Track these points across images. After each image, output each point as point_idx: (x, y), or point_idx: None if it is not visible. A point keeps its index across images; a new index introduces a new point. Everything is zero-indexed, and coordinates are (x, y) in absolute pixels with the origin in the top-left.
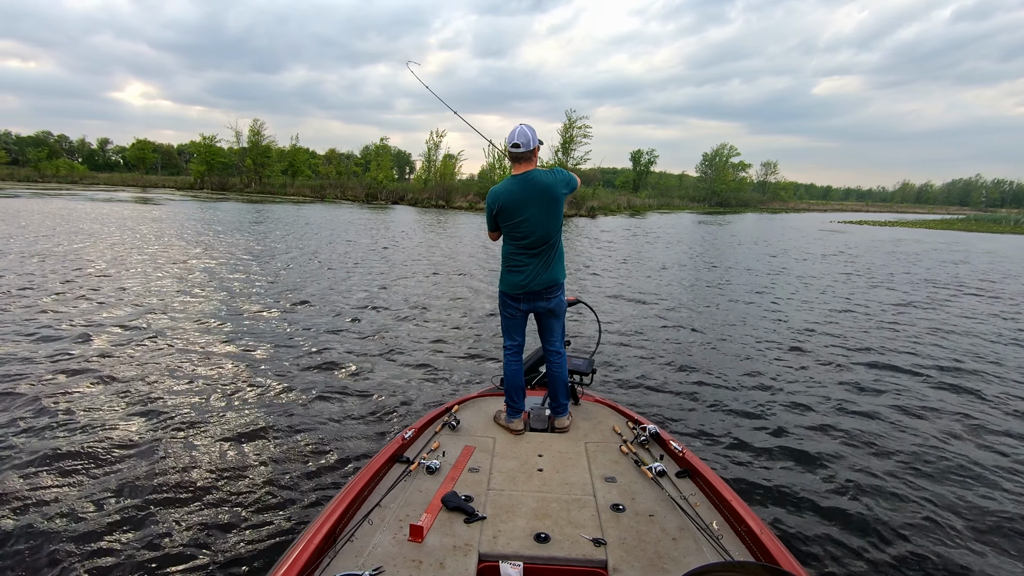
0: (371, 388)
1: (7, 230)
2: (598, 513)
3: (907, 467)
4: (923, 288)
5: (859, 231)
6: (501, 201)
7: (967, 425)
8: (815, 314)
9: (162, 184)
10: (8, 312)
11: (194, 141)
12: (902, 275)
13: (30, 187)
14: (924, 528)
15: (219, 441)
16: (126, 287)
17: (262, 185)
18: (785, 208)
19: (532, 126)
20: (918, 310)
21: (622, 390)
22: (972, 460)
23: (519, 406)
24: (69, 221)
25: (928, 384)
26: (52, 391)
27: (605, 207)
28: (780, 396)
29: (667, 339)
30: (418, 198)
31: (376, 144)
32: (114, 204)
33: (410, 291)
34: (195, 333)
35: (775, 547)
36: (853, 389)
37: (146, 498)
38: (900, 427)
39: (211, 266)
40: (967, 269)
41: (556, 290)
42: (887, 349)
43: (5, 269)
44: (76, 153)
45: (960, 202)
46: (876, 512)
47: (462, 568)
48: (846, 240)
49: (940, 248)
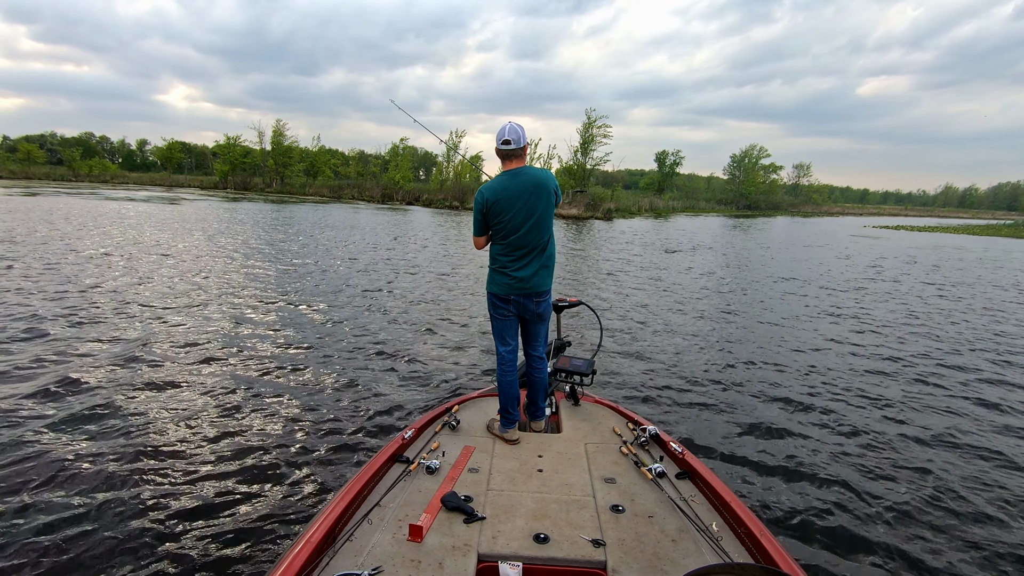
0: (370, 388)
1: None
2: (597, 514)
3: (910, 471)
4: (944, 295)
5: (894, 237)
6: (493, 197)
7: (973, 430)
8: (819, 318)
9: (187, 184)
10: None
11: (218, 142)
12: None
13: (58, 185)
14: (925, 532)
15: (218, 440)
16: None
17: (283, 185)
18: (818, 212)
19: (521, 124)
20: (933, 316)
21: (622, 391)
22: (990, 474)
23: (514, 416)
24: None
25: (930, 386)
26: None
27: (625, 209)
28: (781, 399)
29: (668, 341)
30: (433, 199)
31: (393, 144)
32: (112, 202)
33: (410, 291)
34: (181, 336)
35: (774, 549)
36: (854, 393)
37: (146, 497)
38: (901, 430)
39: (139, 266)
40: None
41: (546, 294)
42: (889, 352)
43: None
44: (116, 154)
45: (1007, 207)
46: (876, 515)
47: (461, 568)
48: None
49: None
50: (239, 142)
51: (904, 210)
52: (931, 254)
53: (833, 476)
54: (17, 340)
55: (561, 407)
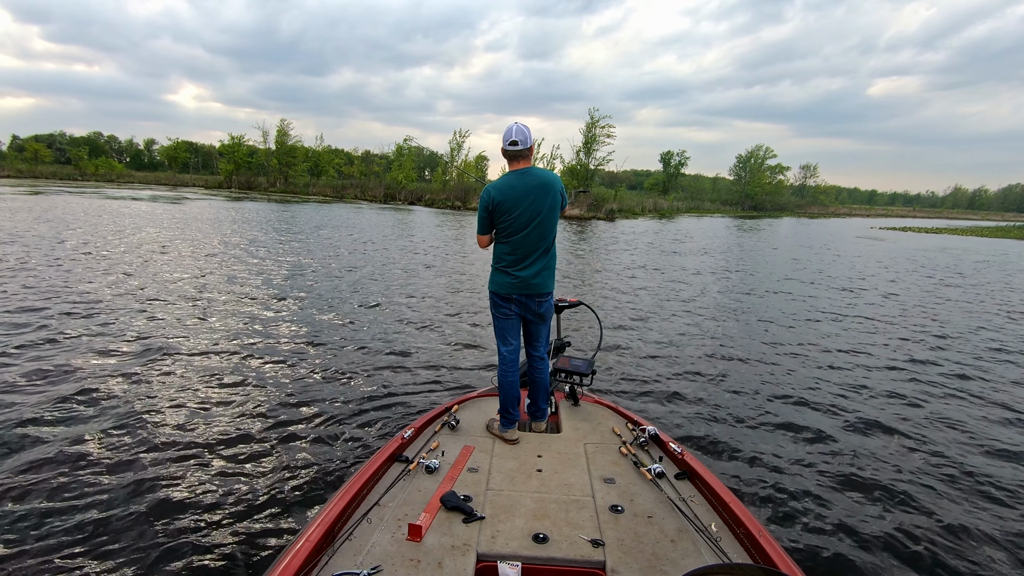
0: (370, 387)
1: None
2: (597, 514)
3: (911, 471)
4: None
5: (901, 239)
6: (500, 195)
7: (975, 430)
8: (820, 319)
9: (191, 183)
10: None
11: (223, 142)
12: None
13: (63, 184)
14: (926, 532)
15: (216, 438)
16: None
17: (287, 185)
18: (825, 213)
19: (527, 125)
20: (937, 313)
21: (622, 391)
22: (983, 471)
23: (514, 416)
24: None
25: (932, 389)
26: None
27: (628, 210)
28: (781, 399)
29: (667, 341)
30: (435, 199)
31: (398, 144)
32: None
33: (410, 291)
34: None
35: (773, 549)
36: (854, 393)
37: (145, 496)
38: (901, 430)
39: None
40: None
41: (548, 295)
42: (890, 352)
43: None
44: (124, 153)
45: (1018, 208)
46: (876, 515)
47: (460, 568)
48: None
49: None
50: (244, 142)
51: (912, 211)
52: (937, 256)
53: (832, 476)
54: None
55: (561, 407)
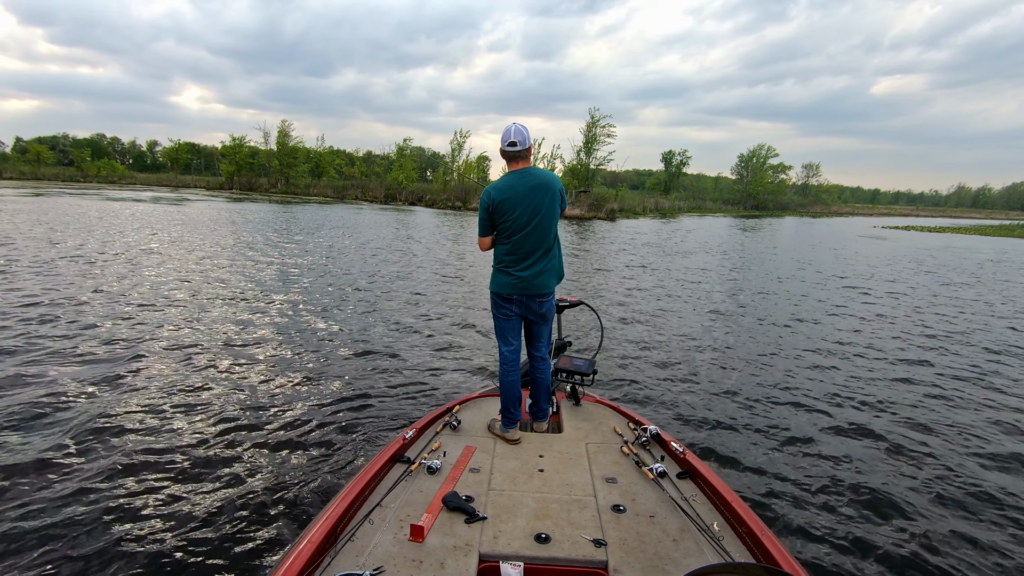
0: (371, 388)
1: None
2: (599, 514)
3: (911, 471)
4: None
5: (904, 238)
6: (500, 196)
7: (977, 430)
8: (820, 320)
9: (193, 184)
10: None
11: (224, 143)
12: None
13: (65, 186)
14: (928, 532)
15: (218, 440)
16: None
17: (288, 186)
18: (827, 212)
19: (526, 125)
20: (939, 313)
21: (623, 391)
22: (988, 477)
23: (515, 416)
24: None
25: (934, 390)
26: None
27: (629, 209)
28: (781, 399)
29: (668, 340)
30: (436, 199)
31: (399, 144)
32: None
33: (411, 291)
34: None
35: (776, 549)
36: (856, 394)
37: (146, 498)
38: (902, 429)
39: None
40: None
41: (549, 295)
42: (890, 353)
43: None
44: (127, 154)
45: (1022, 207)
46: (879, 514)
47: (462, 568)
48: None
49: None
50: (245, 143)
51: (916, 210)
52: (941, 255)
53: (835, 476)
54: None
55: (562, 407)
